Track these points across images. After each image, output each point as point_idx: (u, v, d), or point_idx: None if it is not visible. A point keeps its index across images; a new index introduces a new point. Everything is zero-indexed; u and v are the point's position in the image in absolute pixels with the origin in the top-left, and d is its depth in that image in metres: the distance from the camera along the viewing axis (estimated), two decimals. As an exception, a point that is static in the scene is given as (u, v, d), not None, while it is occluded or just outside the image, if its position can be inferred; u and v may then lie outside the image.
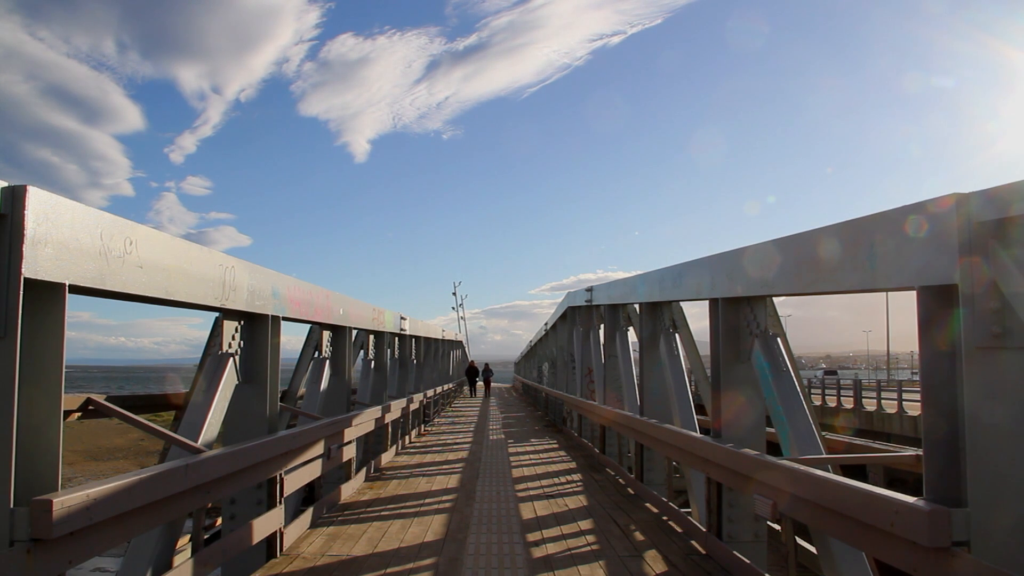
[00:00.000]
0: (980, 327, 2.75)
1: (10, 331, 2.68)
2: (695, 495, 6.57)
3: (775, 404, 4.87)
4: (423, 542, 5.70)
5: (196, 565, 4.15)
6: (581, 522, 6.44)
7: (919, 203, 3.12)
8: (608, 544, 5.65)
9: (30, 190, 2.76)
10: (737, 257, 5.15)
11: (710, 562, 5.09)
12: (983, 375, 2.76)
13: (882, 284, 3.48)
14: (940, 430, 2.97)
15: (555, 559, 5.25)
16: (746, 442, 4.93)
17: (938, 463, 2.98)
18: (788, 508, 3.92)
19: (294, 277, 6.09)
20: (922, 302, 3.07)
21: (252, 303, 4.99)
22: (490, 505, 7.23)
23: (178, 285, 3.95)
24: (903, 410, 22.03)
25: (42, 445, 2.89)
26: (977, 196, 2.81)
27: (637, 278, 8.54)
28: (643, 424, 7.34)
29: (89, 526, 2.90)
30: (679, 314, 7.42)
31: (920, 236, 3.08)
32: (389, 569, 4.96)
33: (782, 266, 4.50)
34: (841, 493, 3.35)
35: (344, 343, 8.44)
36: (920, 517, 2.78)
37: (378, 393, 10.69)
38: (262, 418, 5.25)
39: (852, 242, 3.64)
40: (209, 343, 5.11)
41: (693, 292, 6.20)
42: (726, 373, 5.25)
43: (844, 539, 3.57)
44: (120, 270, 3.35)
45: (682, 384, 7.18)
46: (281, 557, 5.24)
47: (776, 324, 5.18)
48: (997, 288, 2.71)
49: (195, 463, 3.87)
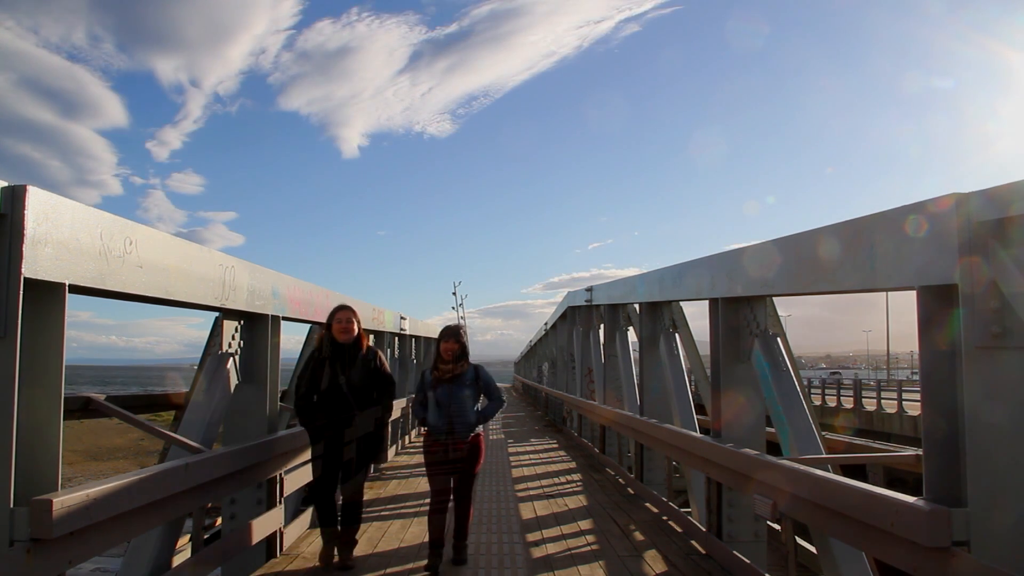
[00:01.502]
0: (980, 327, 2.75)
1: (10, 331, 2.68)
2: (695, 495, 6.57)
3: (775, 404, 4.87)
4: (423, 542, 5.69)
5: (196, 565, 4.15)
6: (581, 522, 6.45)
7: (919, 203, 3.12)
8: (608, 544, 5.65)
9: (30, 190, 2.76)
10: (737, 257, 5.15)
11: (710, 562, 5.09)
12: (983, 375, 2.76)
13: (882, 284, 3.48)
14: (940, 430, 2.97)
15: (555, 559, 5.25)
16: (746, 442, 4.93)
17: (938, 463, 2.97)
18: (788, 508, 3.92)
19: (294, 277, 6.09)
20: (922, 302, 3.07)
21: (252, 303, 5.00)
22: (490, 505, 7.24)
23: (178, 285, 3.95)
24: (903, 410, 22.06)
25: (42, 445, 2.88)
26: (977, 196, 2.81)
27: (637, 278, 8.54)
28: (643, 424, 7.34)
29: (89, 526, 2.91)
30: (679, 314, 7.41)
31: (920, 236, 3.08)
32: (389, 569, 4.96)
33: (782, 266, 4.50)
34: (841, 493, 3.35)
35: (344, 343, 8.42)
36: (920, 517, 2.78)
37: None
38: (262, 418, 5.25)
39: (852, 242, 3.64)
40: (209, 343, 5.11)
41: (693, 292, 6.20)
42: (726, 373, 5.25)
43: (844, 539, 3.58)
44: (120, 270, 3.35)
45: (682, 384, 7.18)
46: (281, 557, 5.24)
47: (776, 324, 5.18)
48: (997, 288, 2.71)
49: (195, 463, 3.87)
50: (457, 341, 5.07)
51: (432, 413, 5.01)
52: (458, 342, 5.07)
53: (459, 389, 4.98)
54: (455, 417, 4.95)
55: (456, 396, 4.96)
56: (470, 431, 4.97)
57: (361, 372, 5.00)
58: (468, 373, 5.06)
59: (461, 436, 4.94)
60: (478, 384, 5.10)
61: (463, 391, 4.99)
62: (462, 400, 4.97)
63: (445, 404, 4.96)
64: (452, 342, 5.05)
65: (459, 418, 4.95)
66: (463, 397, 4.98)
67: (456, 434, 4.93)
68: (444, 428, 4.94)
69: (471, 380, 5.05)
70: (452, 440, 4.93)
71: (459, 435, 4.93)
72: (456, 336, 5.09)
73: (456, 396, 4.96)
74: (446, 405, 4.96)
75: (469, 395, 5.02)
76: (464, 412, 4.97)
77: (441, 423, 4.96)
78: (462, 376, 5.01)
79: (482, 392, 5.16)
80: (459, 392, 4.97)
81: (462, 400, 4.97)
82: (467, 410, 4.99)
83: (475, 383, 5.08)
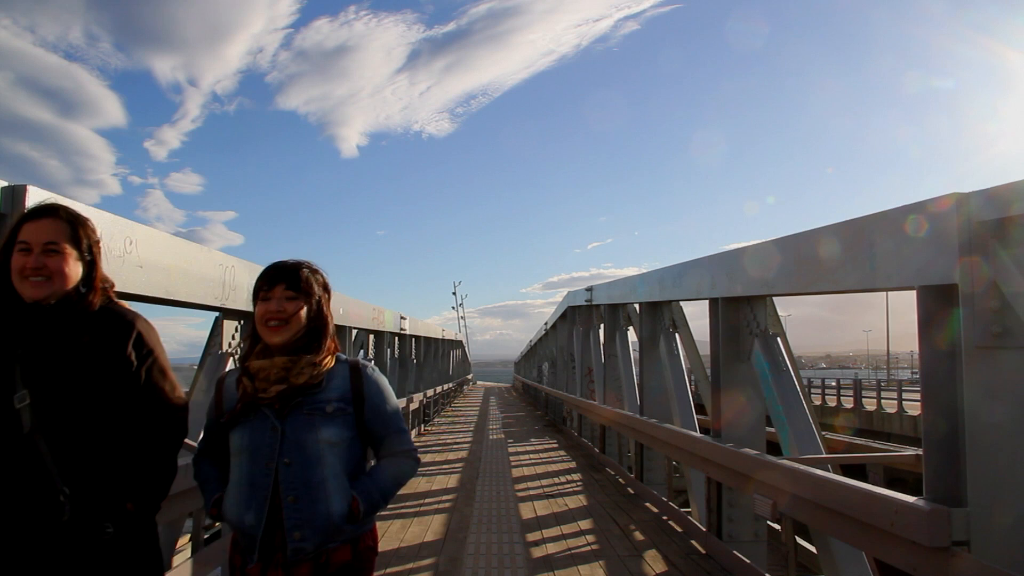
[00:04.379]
0: (980, 327, 2.75)
1: (10, 331, 2.67)
2: (695, 495, 6.57)
3: (775, 404, 4.87)
4: (423, 542, 5.70)
5: (196, 565, 4.15)
6: (581, 522, 6.44)
7: (919, 203, 3.12)
8: (608, 544, 5.65)
9: (30, 189, 2.75)
10: (737, 257, 5.15)
11: (710, 562, 5.09)
12: (983, 375, 2.76)
13: (882, 284, 3.48)
14: (940, 430, 2.97)
15: (555, 559, 5.25)
16: (746, 442, 4.93)
17: (938, 463, 2.98)
18: (788, 508, 3.92)
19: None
20: (922, 302, 3.07)
21: (252, 303, 5.00)
22: (490, 505, 7.24)
23: (178, 285, 3.95)
24: (903, 410, 22.05)
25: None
26: (977, 196, 2.82)
27: (637, 278, 8.54)
28: (643, 424, 7.34)
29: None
30: (679, 314, 7.42)
31: (920, 236, 3.09)
32: (389, 569, 4.96)
33: (782, 266, 4.51)
34: (841, 493, 3.35)
35: (344, 343, 8.44)
36: (920, 517, 2.78)
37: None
38: (262, 418, 5.25)
39: (852, 242, 3.64)
40: (209, 343, 5.11)
41: (693, 292, 6.20)
42: (726, 373, 5.26)
43: (844, 539, 3.58)
44: (120, 270, 3.35)
45: (682, 384, 7.19)
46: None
47: (776, 324, 5.18)
48: (997, 288, 2.71)
49: (195, 463, 3.86)
50: (299, 292, 2.11)
51: (233, 491, 2.07)
52: (301, 292, 2.11)
53: (305, 425, 2.05)
54: (293, 504, 2.00)
55: (296, 442, 2.03)
56: (333, 538, 2.02)
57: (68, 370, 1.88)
58: (335, 383, 2.12)
59: (306, 553, 1.98)
60: (357, 410, 2.12)
61: (316, 428, 2.05)
62: (310, 453, 2.03)
63: (265, 465, 2.02)
64: (280, 293, 2.10)
65: (304, 505, 2.00)
66: (316, 445, 2.04)
67: (297, 549, 1.98)
68: (259, 532, 1.99)
69: (339, 399, 2.11)
70: (284, 564, 1.98)
71: (303, 551, 1.98)
72: (293, 278, 2.11)
73: (296, 442, 2.03)
74: (264, 468, 2.02)
75: (332, 439, 2.06)
76: (316, 488, 2.02)
77: (253, 518, 2.00)
78: (316, 390, 2.08)
79: (369, 431, 2.15)
80: (304, 432, 2.04)
81: (310, 453, 2.03)
82: (324, 481, 2.03)
83: (349, 407, 2.11)
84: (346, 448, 2.08)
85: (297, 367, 2.05)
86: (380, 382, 2.19)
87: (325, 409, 2.06)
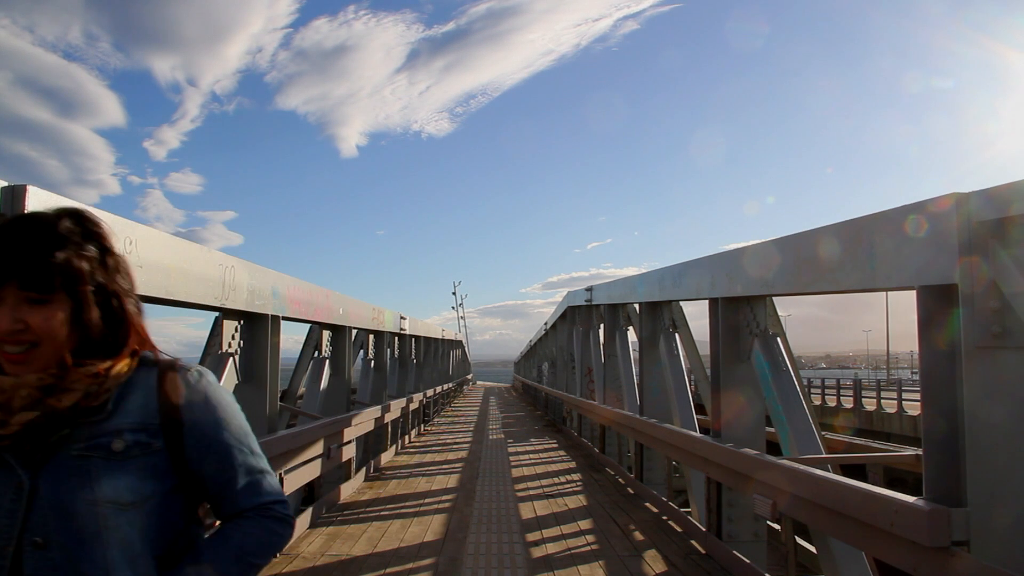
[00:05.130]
0: (980, 327, 2.75)
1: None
2: (695, 495, 6.57)
3: (775, 404, 4.88)
4: (423, 542, 5.70)
5: (196, 565, 4.14)
6: (581, 522, 6.44)
7: (919, 203, 3.12)
8: (608, 544, 5.65)
9: (30, 189, 2.75)
10: (737, 257, 5.15)
11: (710, 562, 5.09)
12: (983, 375, 2.76)
13: (882, 284, 3.48)
14: (940, 430, 2.97)
15: (555, 559, 5.25)
16: (746, 442, 4.93)
17: (938, 463, 2.98)
18: (788, 508, 3.92)
19: (294, 277, 6.11)
20: (922, 302, 3.07)
21: (252, 303, 5.00)
22: (490, 505, 7.23)
23: (178, 285, 3.95)
24: (903, 410, 22.05)
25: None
26: (977, 196, 2.82)
27: (637, 278, 8.54)
28: (643, 424, 7.34)
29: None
30: (679, 314, 7.42)
31: (920, 236, 3.09)
32: (389, 569, 4.96)
33: (782, 266, 4.51)
34: (841, 493, 3.35)
35: (344, 343, 8.44)
36: (920, 517, 2.78)
37: (378, 393, 10.69)
38: (261, 418, 5.25)
39: (852, 242, 3.64)
40: (209, 343, 5.11)
41: (693, 292, 6.20)
42: (726, 373, 5.26)
43: (844, 539, 3.58)
44: (120, 270, 3.35)
45: (682, 384, 7.18)
46: (280, 557, 5.24)
47: (776, 324, 5.18)
48: (997, 288, 2.71)
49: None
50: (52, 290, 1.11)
51: None
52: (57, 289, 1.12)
53: (74, 475, 1.12)
54: None
55: (57, 507, 1.10)
56: None
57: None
58: (130, 401, 1.18)
59: None
60: (171, 445, 1.19)
61: (92, 481, 1.12)
62: (83, 523, 1.10)
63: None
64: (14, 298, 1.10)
65: None
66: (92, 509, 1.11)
67: None
68: None
69: (137, 427, 1.17)
70: None
71: None
72: (37, 268, 1.10)
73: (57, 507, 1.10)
74: None
75: (123, 498, 1.13)
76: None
77: None
78: (97, 417, 1.16)
79: (196, 478, 1.22)
80: (72, 489, 1.11)
81: (83, 523, 1.10)
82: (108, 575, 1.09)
83: (156, 440, 1.18)
84: (151, 511, 1.16)
85: (64, 382, 1.13)
86: (211, 394, 1.25)
87: (111, 447, 1.14)
